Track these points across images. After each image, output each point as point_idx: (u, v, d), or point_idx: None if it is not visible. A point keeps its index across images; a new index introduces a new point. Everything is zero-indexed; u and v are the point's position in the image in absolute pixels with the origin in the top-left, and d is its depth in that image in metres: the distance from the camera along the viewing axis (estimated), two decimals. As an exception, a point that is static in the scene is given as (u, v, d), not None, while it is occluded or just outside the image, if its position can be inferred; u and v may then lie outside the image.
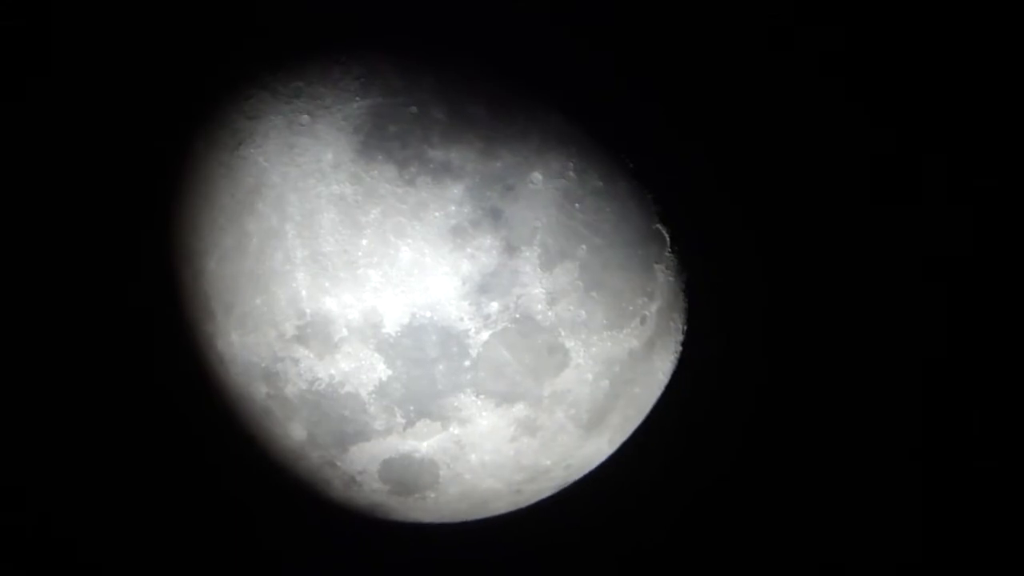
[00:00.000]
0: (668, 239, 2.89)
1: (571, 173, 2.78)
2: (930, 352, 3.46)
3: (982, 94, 3.34)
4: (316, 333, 2.75)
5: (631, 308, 2.86)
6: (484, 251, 2.71)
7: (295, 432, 2.88)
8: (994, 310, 3.45)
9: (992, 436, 3.49)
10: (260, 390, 2.86)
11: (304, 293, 2.74)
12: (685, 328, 3.00)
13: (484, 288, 2.72)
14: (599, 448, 3.03)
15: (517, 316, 2.75)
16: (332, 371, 2.77)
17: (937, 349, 3.47)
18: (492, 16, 2.87)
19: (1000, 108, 3.36)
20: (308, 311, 2.74)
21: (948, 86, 3.33)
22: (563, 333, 2.79)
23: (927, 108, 3.35)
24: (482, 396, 2.78)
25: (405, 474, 2.89)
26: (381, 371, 2.75)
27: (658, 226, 2.88)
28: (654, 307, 2.90)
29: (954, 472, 3.48)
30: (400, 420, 2.80)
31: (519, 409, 2.81)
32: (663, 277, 2.90)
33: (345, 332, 2.74)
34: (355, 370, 2.77)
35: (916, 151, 3.39)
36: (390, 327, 2.72)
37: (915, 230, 3.39)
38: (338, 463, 2.90)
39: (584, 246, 2.77)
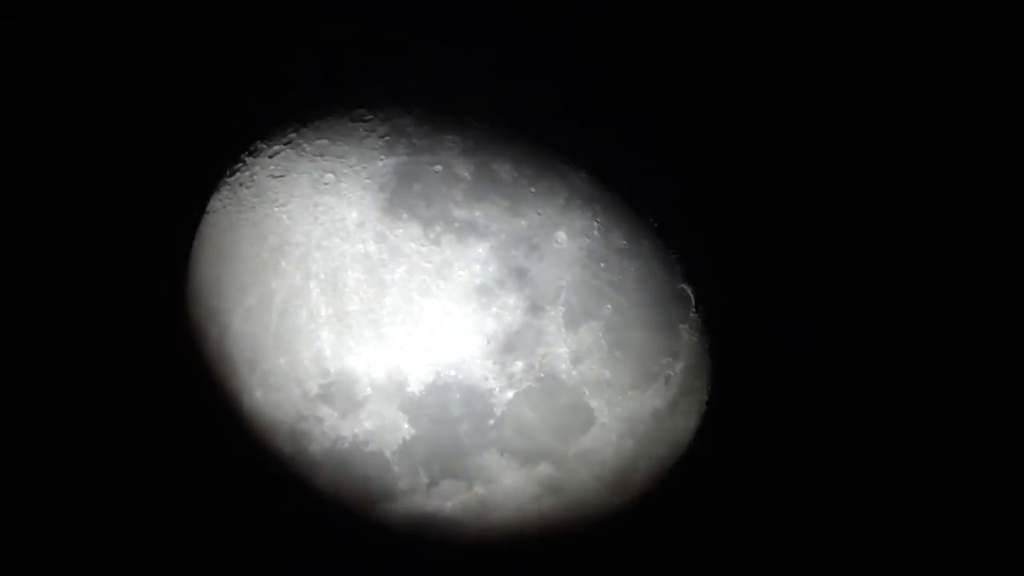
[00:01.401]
0: (693, 299, 2.89)
1: (596, 232, 2.79)
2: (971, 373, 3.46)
3: (979, 93, 3.34)
4: (340, 392, 2.75)
5: (655, 368, 2.86)
6: (509, 310, 2.71)
7: (319, 489, 2.88)
8: (1000, 309, 3.44)
9: (997, 437, 3.50)
10: (284, 448, 2.86)
11: (328, 351, 2.74)
12: (710, 388, 3.00)
13: (509, 347, 2.72)
14: (623, 508, 3.03)
15: (542, 375, 2.75)
16: (356, 430, 2.78)
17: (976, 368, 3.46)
18: (516, 73, 2.88)
19: (999, 106, 3.35)
20: (332, 369, 2.75)
21: (949, 86, 3.33)
22: (587, 392, 2.79)
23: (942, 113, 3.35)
24: (506, 455, 2.78)
25: (429, 533, 2.88)
26: (405, 430, 2.75)
27: (683, 286, 2.88)
28: (678, 367, 2.90)
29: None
30: (424, 479, 2.79)
31: (543, 468, 2.81)
32: (687, 337, 2.90)
33: (369, 391, 2.74)
34: (379, 429, 2.77)
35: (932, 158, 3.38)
36: (414, 386, 2.72)
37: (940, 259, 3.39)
38: (361, 521, 2.90)
39: (609, 305, 2.77)
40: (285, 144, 2.86)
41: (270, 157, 2.87)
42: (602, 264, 2.78)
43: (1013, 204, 3.40)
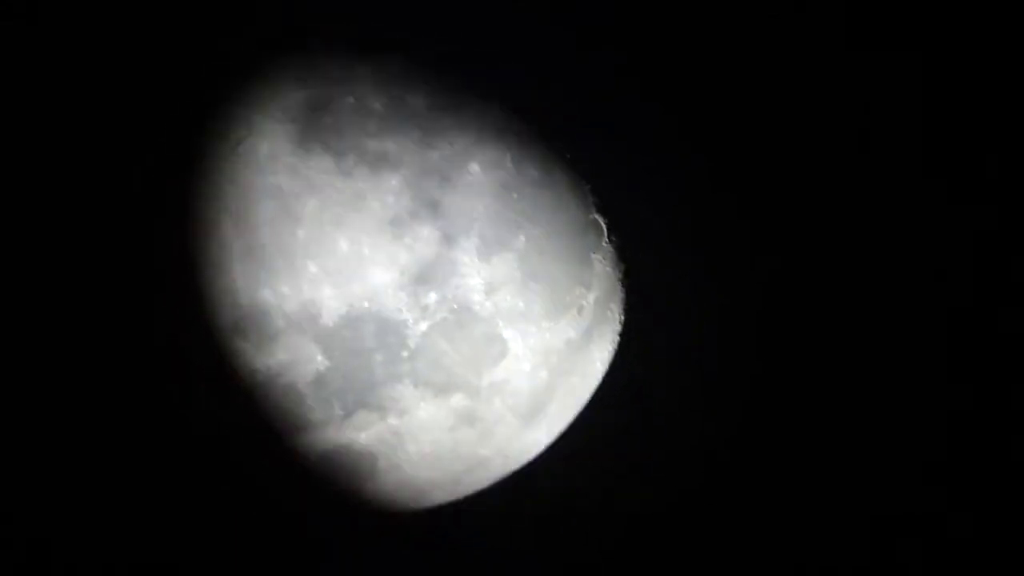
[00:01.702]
0: (605, 229, 2.91)
1: (509, 164, 2.79)
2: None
3: (979, 93, 3.35)
4: (253, 324, 2.73)
5: (568, 298, 2.87)
6: (422, 242, 2.71)
7: (233, 424, 2.86)
8: (1000, 309, 3.45)
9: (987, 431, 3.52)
10: (197, 381, 2.84)
11: (240, 284, 2.72)
12: (623, 318, 3.01)
13: (422, 279, 2.72)
14: (537, 438, 3.04)
15: (455, 307, 2.75)
16: (270, 362, 2.75)
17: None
18: (430, 5, 2.87)
19: (999, 106, 3.37)
20: (244, 302, 2.72)
21: (949, 87, 3.34)
22: (501, 323, 2.80)
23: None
24: (420, 386, 2.78)
25: (343, 465, 2.88)
26: (319, 362, 2.74)
27: (595, 216, 2.89)
28: (591, 297, 2.92)
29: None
30: (338, 411, 2.78)
31: (457, 399, 2.82)
32: (600, 267, 2.92)
33: (282, 323, 2.72)
34: (292, 361, 2.75)
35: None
36: (328, 318, 2.71)
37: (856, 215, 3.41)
38: (276, 454, 2.89)
39: (522, 236, 2.78)
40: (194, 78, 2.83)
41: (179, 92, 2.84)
42: (515, 195, 2.78)
43: (1013, 204, 3.42)
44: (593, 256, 2.89)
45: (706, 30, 3.13)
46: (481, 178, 2.76)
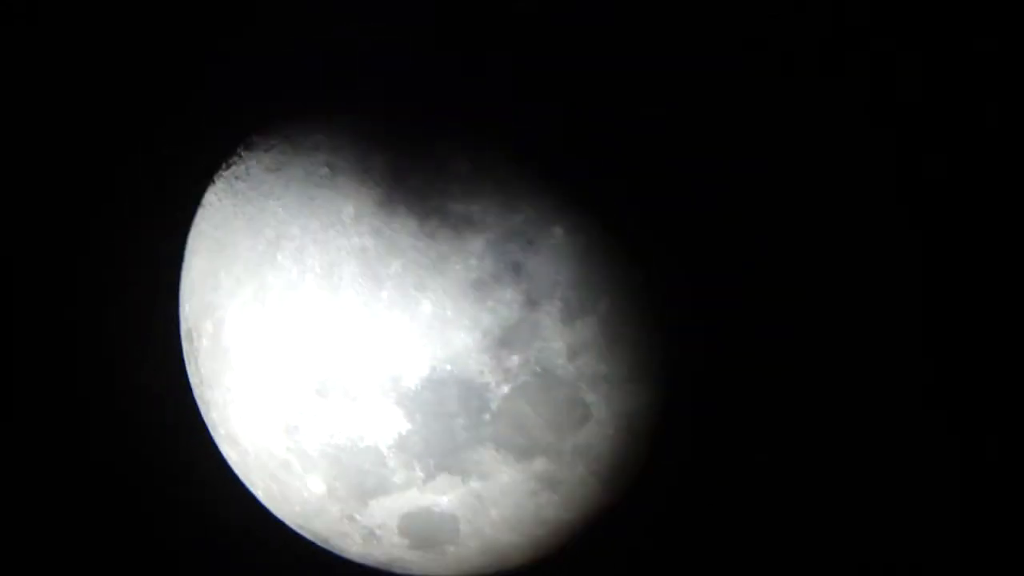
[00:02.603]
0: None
1: (591, 227, 2.79)
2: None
3: (979, 93, 3.34)
4: (336, 386, 2.74)
5: (651, 362, 2.86)
6: (505, 304, 2.70)
7: (314, 486, 2.86)
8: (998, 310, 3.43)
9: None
10: (279, 444, 2.84)
11: (324, 345, 2.73)
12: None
13: (505, 342, 2.70)
14: (620, 502, 3.03)
15: (538, 370, 2.74)
16: (351, 424, 2.76)
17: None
18: (513, 67, 2.88)
19: (1000, 107, 3.35)
20: (328, 364, 2.73)
21: (949, 86, 3.33)
22: (584, 387, 2.78)
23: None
24: (502, 450, 2.76)
25: (425, 528, 2.87)
26: (401, 424, 2.73)
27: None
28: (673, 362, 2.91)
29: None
30: (420, 474, 2.77)
31: (540, 463, 2.80)
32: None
33: (365, 385, 2.72)
34: (374, 423, 2.75)
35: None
36: (410, 380, 2.70)
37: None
38: (357, 517, 2.88)
39: (605, 300, 2.77)
40: (281, 138, 2.85)
41: (265, 151, 2.86)
42: (598, 259, 2.78)
43: (1013, 205, 3.41)
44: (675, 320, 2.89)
45: (706, 30, 3.11)
46: (564, 241, 2.76)
